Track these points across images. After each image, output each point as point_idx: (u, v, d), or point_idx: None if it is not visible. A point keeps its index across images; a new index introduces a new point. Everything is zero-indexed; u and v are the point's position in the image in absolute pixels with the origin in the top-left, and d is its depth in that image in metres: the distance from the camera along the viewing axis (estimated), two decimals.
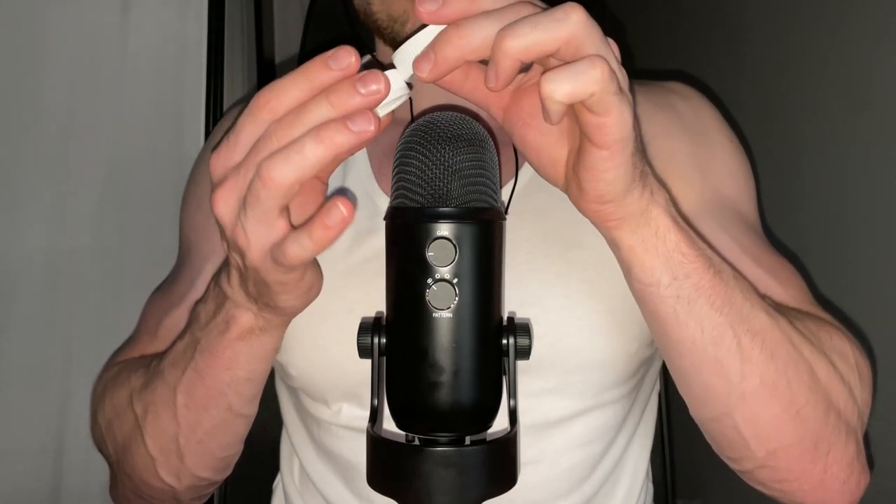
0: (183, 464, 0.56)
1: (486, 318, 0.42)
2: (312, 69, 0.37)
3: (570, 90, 0.35)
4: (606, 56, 0.37)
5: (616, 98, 0.36)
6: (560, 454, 0.60)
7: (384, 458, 0.42)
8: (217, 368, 0.51)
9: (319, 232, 0.38)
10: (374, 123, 0.36)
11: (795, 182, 1.06)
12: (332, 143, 0.36)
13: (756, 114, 1.16)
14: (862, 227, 0.92)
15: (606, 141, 0.38)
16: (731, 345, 0.47)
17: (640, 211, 0.43)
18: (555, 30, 0.35)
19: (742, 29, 1.24)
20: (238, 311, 0.48)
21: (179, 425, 0.54)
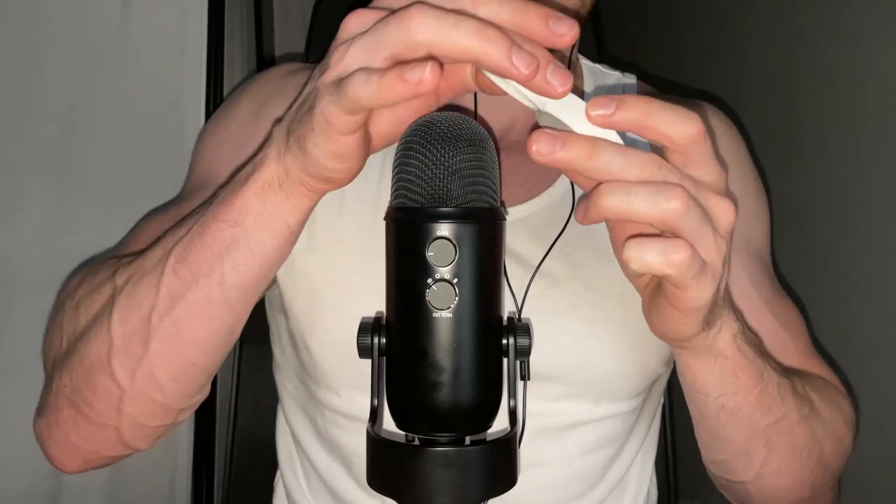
0: (146, 352, 0.48)
1: (486, 318, 0.42)
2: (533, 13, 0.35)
3: (647, 266, 0.36)
4: (703, 240, 0.37)
5: (693, 282, 0.37)
6: (571, 458, 0.61)
7: (384, 458, 0.42)
8: (223, 221, 0.45)
9: (391, 79, 0.34)
10: (532, 72, 0.34)
11: (799, 186, 1.06)
12: (486, 51, 0.34)
13: (758, 118, 1.16)
14: (868, 231, 0.92)
15: (680, 307, 0.40)
16: (761, 442, 0.52)
17: (705, 344, 0.45)
18: (656, 214, 0.36)
19: (745, 33, 1.24)
20: (268, 151, 0.44)
21: (159, 294, 0.48)
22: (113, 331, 0.49)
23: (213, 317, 0.48)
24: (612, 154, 0.36)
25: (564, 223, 0.58)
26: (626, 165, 0.36)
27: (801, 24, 1.06)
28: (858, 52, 0.92)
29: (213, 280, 0.47)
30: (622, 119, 0.36)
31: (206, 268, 0.46)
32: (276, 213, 0.44)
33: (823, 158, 1.00)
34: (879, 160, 0.88)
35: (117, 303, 0.49)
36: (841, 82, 0.96)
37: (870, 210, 0.90)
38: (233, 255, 0.46)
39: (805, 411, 0.54)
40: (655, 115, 0.36)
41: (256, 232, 0.45)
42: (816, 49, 1.02)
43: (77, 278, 0.58)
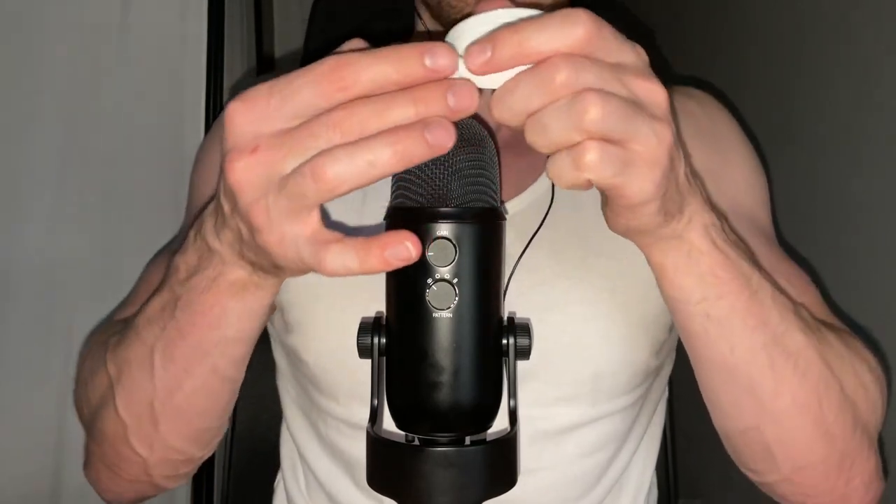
0: (157, 431, 0.51)
1: (486, 318, 0.42)
2: (405, 57, 0.32)
3: (569, 182, 0.34)
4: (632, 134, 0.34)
5: (616, 179, 0.34)
6: (571, 461, 0.60)
7: (384, 458, 0.42)
8: (203, 326, 0.45)
9: (374, 262, 0.34)
10: (451, 140, 0.32)
11: (804, 183, 1.06)
12: (406, 154, 0.32)
13: (761, 115, 1.16)
14: (872, 228, 0.92)
15: (624, 204, 0.37)
16: (764, 365, 0.47)
17: (673, 236, 0.42)
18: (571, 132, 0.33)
19: (747, 29, 1.24)
20: (228, 268, 0.42)
21: (156, 388, 0.49)
22: (122, 415, 0.51)
23: (213, 393, 0.51)
24: (509, 92, 0.33)
25: (542, 218, 0.58)
26: (528, 95, 0.33)
27: (800, 22, 1.06)
28: (858, 51, 0.92)
29: (205, 369, 0.48)
30: (502, 58, 0.33)
31: (196, 362, 0.48)
32: (258, 303, 0.45)
33: (823, 158, 1.00)
34: (879, 160, 0.88)
35: (118, 393, 0.51)
36: (840, 82, 0.96)
37: (869, 210, 0.90)
38: (221, 348, 0.47)
39: (814, 339, 0.49)
40: (534, 37, 0.33)
41: (240, 324, 0.46)
42: (816, 49, 1.02)
43: (89, 347, 0.60)
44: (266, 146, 0.33)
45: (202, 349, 0.47)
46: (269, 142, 0.33)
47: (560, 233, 0.59)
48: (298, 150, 0.33)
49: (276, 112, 0.33)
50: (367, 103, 0.32)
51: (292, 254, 0.36)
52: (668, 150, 0.35)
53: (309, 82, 0.32)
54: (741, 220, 0.61)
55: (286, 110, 0.33)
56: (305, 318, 0.59)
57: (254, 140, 0.33)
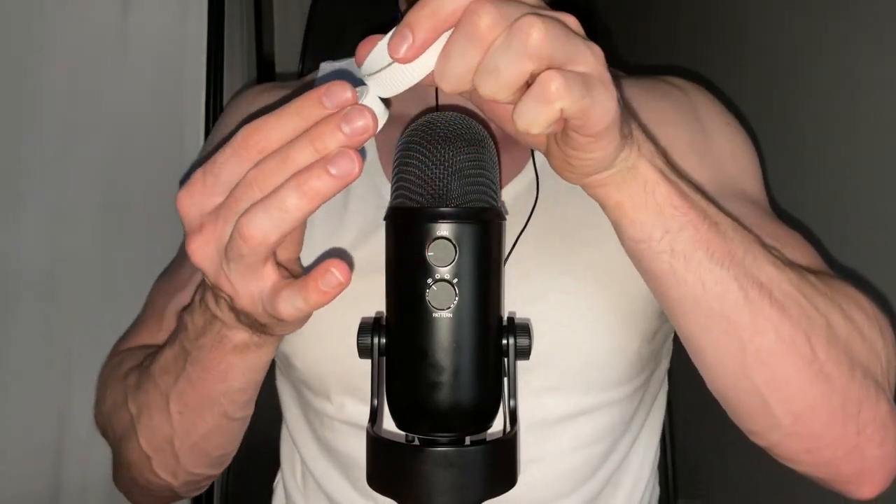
0: (178, 464, 0.56)
1: (486, 318, 0.42)
2: (305, 106, 0.35)
3: (539, 121, 0.35)
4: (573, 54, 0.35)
5: (587, 100, 0.35)
6: (563, 453, 0.60)
7: (384, 458, 0.42)
8: (210, 380, 0.50)
9: (314, 296, 0.37)
10: (358, 164, 0.34)
11: (796, 179, 1.06)
12: (314, 193, 0.34)
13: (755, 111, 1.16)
14: (863, 223, 0.92)
15: (591, 133, 0.37)
16: (738, 298, 0.45)
17: (627, 168, 0.42)
18: (520, 64, 0.34)
19: (741, 25, 1.24)
20: (231, 331, 0.47)
21: (174, 429, 0.54)
22: (145, 448, 0.56)
23: (225, 431, 0.56)
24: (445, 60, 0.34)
25: (530, 211, 0.59)
26: (464, 53, 0.34)
27: (800, 22, 1.06)
28: (857, 51, 0.92)
29: (216, 413, 0.53)
30: (423, 34, 0.34)
31: (207, 408, 0.53)
32: (259, 360, 0.50)
33: (820, 158, 1.00)
34: (878, 159, 0.88)
35: (139, 430, 0.56)
36: (840, 81, 0.96)
37: (868, 210, 0.90)
38: (228, 395, 0.52)
39: (789, 273, 0.47)
40: (437, 10, 0.34)
41: (244, 377, 0.51)
42: (815, 48, 1.02)
43: (105, 372, 0.64)
44: (208, 222, 0.37)
45: (211, 398, 0.52)
46: (209, 218, 0.37)
47: (543, 224, 0.59)
48: (230, 217, 0.36)
49: (211, 190, 0.37)
50: (273, 155, 0.35)
51: (261, 309, 0.40)
52: (605, 67, 0.36)
53: (230, 156, 0.36)
54: (726, 190, 0.60)
55: (218, 187, 0.37)
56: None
57: (199, 220, 0.37)
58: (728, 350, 0.47)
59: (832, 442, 0.49)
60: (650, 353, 0.62)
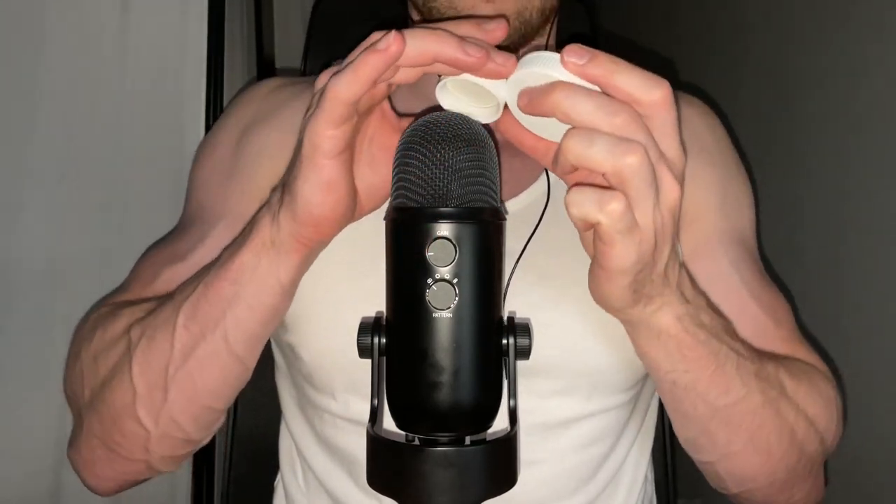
0: (165, 401, 0.53)
1: (486, 319, 0.42)
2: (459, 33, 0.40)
3: (582, 211, 0.37)
4: (644, 197, 0.38)
5: (621, 236, 0.38)
6: (565, 454, 0.61)
7: (384, 457, 0.42)
8: (224, 280, 0.50)
9: (361, 57, 0.39)
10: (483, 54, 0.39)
11: (793, 184, 1.06)
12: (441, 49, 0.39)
13: (753, 117, 1.16)
14: (861, 229, 0.92)
15: (604, 264, 0.40)
16: (722, 422, 0.52)
17: (641, 320, 0.45)
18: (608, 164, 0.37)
19: (740, 32, 1.24)
20: (263, 213, 0.48)
21: (173, 349, 0.52)
22: (135, 381, 0.53)
23: (222, 367, 0.52)
24: (585, 97, 0.37)
25: (540, 216, 0.59)
26: (596, 109, 0.37)
27: (798, 22, 1.06)
28: (856, 51, 0.92)
29: (218, 335, 0.51)
30: (592, 72, 0.37)
31: (212, 324, 0.50)
32: (269, 270, 0.48)
33: (818, 158, 1.00)
34: (876, 160, 0.88)
35: (135, 357, 0.53)
36: (838, 81, 0.96)
37: (865, 210, 0.90)
38: (234, 311, 0.50)
39: (772, 394, 0.53)
40: (624, 73, 0.37)
41: (253, 289, 0.49)
42: (814, 48, 1.02)
43: (89, 324, 0.61)
44: None
45: (219, 307, 0.50)
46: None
47: (558, 232, 0.59)
48: None
49: None
50: None
51: (313, 120, 0.41)
52: (657, 235, 0.39)
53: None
54: (737, 244, 0.63)
55: None
56: (303, 315, 0.59)
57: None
58: (702, 446, 0.55)
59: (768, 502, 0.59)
60: None
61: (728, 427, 0.52)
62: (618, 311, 0.45)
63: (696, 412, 0.51)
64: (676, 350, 0.47)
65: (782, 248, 1.05)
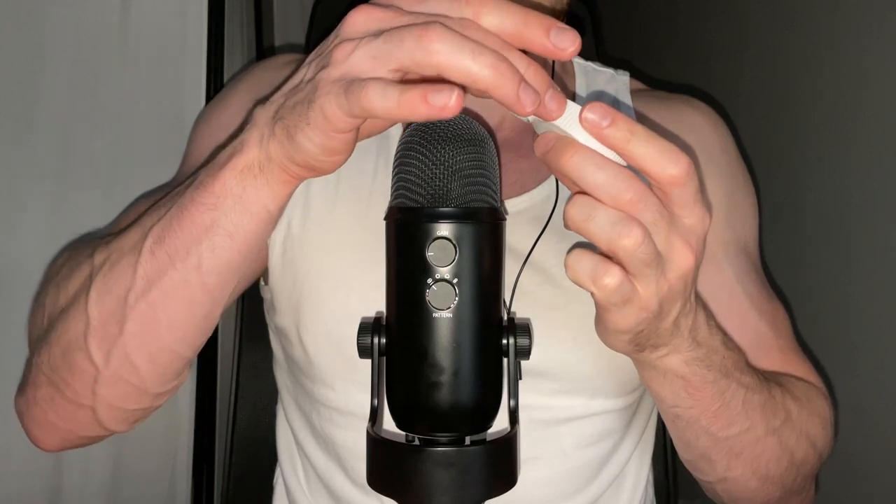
0: (121, 334, 0.48)
1: (486, 319, 0.42)
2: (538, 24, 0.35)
3: (576, 278, 0.38)
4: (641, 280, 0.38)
5: (616, 307, 0.39)
6: (567, 453, 0.61)
7: (384, 458, 0.42)
8: (202, 205, 0.45)
9: (414, 99, 0.34)
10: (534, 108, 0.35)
11: (794, 184, 1.06)
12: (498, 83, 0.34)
13: (755, 116, 1.16)
14: (862, 229, 0.92)
15: (603, 324, 0.41)
16: (723, 451, 0.52)
17: (647, 363, 0.46)
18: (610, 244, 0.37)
19: (741, 31, 1.24)
20: (249, 134, 0.43)
21: (136, 276, 0.47)
22: (90, 310, 0.48)
23: (190, 300, 0.47)
24: (596, 168, 0.36)
25: (547, 219, 0.59)
26: (605, 183, 0.36)
27: (799, 23, 1.06)
28: (856, 51, 0.92)
29: (190, 263, 0.46)
30: (610, 136, 0.36)
31: (184, 251, 0.46)
32: (256, 196, 0.44)
33: (818, 159, 1.00)
34: (876, 161, 0.88)
35: (95, 282, 0.49)
36: (839, 82, 0.96)
37: (865, 211, 0.90)
38: (211, 238, 0.45)
39: (776, 424, 0.54)
40: (641, 144, 0.36)
41: (235, 215, 0.44)
42: (815, 49, 1.02)
43: (62, 258, 0.57)
44: (396, 11, 0.37)
45: (194, 233, 0.45)
46: (400, 9, 0.37)
47: (568, 232, 0.59)
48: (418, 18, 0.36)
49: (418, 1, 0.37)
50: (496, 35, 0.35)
51: (337, 91, 0.36)
52: (660, 302, 0.39)
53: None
54: (741, 256, 0.64)
55: (424, 6, 0.37)
56: (305, 302, 0.59)
57: (389, 3, 0.38)
58: (703, 469, 0.56)
59: None
60: None
61: (729, 455, 0.53)
62: (623, 353, 0.46)
63: (697, 442, 0.52)
64: (682, 389, 0.47)
65: (781, 251, 1.05)
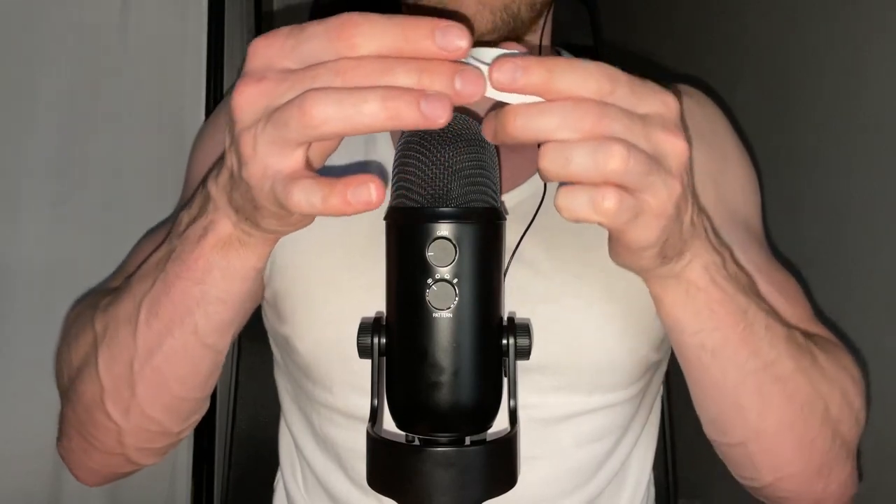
0: (133, 395, 0.51)
1: (486, 319, 0.42)
2: (417, 33, 0.32)
3: (575, 216, 0.35)
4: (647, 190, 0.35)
5: (630, 225, 0.36)
6: (566, 451, 0.60)
7: (384, 458, 0.42)
8: (188, 280, 0.46)
9: (336, 202, 0.34)
10: (446, 115, 0.32)
11: (796, 183, 1.06)
12: (395, 113, 0.32)
13: (756, 115, 1.16)
14: (863, 227, 0.92)
15: (624, 247, 0.39)
16: (752, 390, 0.49)
17: (671, 275, 0.44)
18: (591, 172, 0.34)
19: (742, 28, 1.24)
20: (218, 215, 0.44)
21: (137, 345, 0.49)
22: (101, 376, 0.51)
23: (192, 359, 0.50)
24: (540, 116, 0.34)
25: (534, 213, 0.58)
26: (561, 124, 0.34)
27: (800, 20, 1.06)
28: (857, 50, 0.92)
29: (186, 330, 0.48)
30: (529, 84, 0.34)
31: (178, 320, 0.48)
32: (242, 264, 0.46)
33: (820, 156, 1.00)
34: (877, 160, 0.88)
35: (100, 351, 0.51)
36: (839, 81, 0.96)
37: (867, 209, 0.90)
38: (203, 307, 0.47)
39: (804, 363, 0.51)
40: (563, 75, 0.34)
41: (224, 283, 0.46)
42: (815, 47, 1.02)
43: (75, 311, 0.61)
44: (271, 79, 0.35)
45: (185, 305, 0.47)
46: (275, 76, 0.35)
47: (557, 226, 0.59)
48: (298, 87, 0.34)
49: (289, 52, 0.34)
50: (375, 60, 0.33)
51: (268, 189, 0.36)
52: (676, 203, 0.37)
53: (321, 33, 0.34)
54: (738, 228, 0.62)
55: (296, 54, 0.34)
56: (301, 306, 0.59)
57: (264, 71, 0.35)
58: (733, 425, 0.52)
59: (801, 494, 0.56)
60: (657, 359, 0.63)
61: (759, 397, 0.49)
62: (646, 273, 0.43)
63: (725, 379, 0.49)
64: (705, 305, 0.45)
65: (781, 251, 1.05)
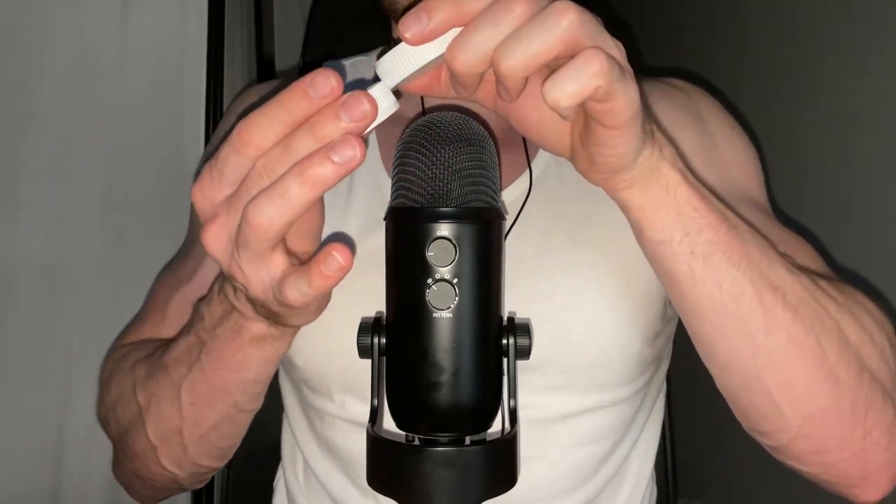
0: (185, 454, 0.57)
1: (486, 319, 0.42)
2: (291, 100, 0.35)
3: (574, 91, 0.34)
4: (603, 44, 0.36)
5: (619, 84, 0.35)
6: (564, 451, 0.60)
7: (384, 458, 0.42)
8: (225, 370, 0.51)
9: (318, 280, 0.37)
10: (360, 150, 0.34)
11: (798, 182, 1.06)
12: (315, 179, 0.35)
13: (757, 113, 1.16)
14: (863, 227, 0.92)
15: (616, 123, 0.38)
16: (753, 300, 0.46)
17: (650, 169, 0.43)
18: (550, 39, 0.34)
19: (743, 26, 1.24)
20: (249, 322, 0.47)
21: (184, 420, 0.54)
22: (153, 440, 0.56)
23: (234, 421, 0.56)
24: (471, 33, 0.35)
25: (518, 210, 0.59)
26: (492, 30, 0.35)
27: (802, 20, 1.06)
28: (857, 49, 0.92)
29: (228, 403, 0.53)
30: (439, 25, 0.35)
31: (219, 399, 0.53)
32: (275, 351, 0.50)
33: (821, 157, 1.00)
34: (878, 159, 0.88)
35: (147, 420, 0.56)
36: (840, 80, 0.96)
37: (868, 208, 0.90)
38: (241, 387, 0.52)
39: (802, 278, 0.48)
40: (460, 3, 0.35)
41: (260, 369, 0.51)
42: (816, 47, 1.02)
43: (108, 366, 0.64)
44: (220, 212, 0.38)
45: (224, 389, 0.52)
46: (221, 208, 0.38)
47: (547, 225, 0.59)
48: (240, 206, 0.37)
49: (218, 183, 0.38)
50: (277, 145, 0.36)
51: (272, 298, 0.41)
52: (637, 89, 0.37)
53: (229, 152, 0.37)
54: (732, 195, 0.61)
55: (224, 180, 0.38)
56: None
57: (212, 211, 0.39)
58: (741, 351, 0.48)
59: (839, 444, 0.50)
60: (652, 355, 0.62)
61: (761, 309, 0.46)
62: (628, 172, 0.42)
63: (721, 293, 0.45)
64: (686, 202, 0.44)
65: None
